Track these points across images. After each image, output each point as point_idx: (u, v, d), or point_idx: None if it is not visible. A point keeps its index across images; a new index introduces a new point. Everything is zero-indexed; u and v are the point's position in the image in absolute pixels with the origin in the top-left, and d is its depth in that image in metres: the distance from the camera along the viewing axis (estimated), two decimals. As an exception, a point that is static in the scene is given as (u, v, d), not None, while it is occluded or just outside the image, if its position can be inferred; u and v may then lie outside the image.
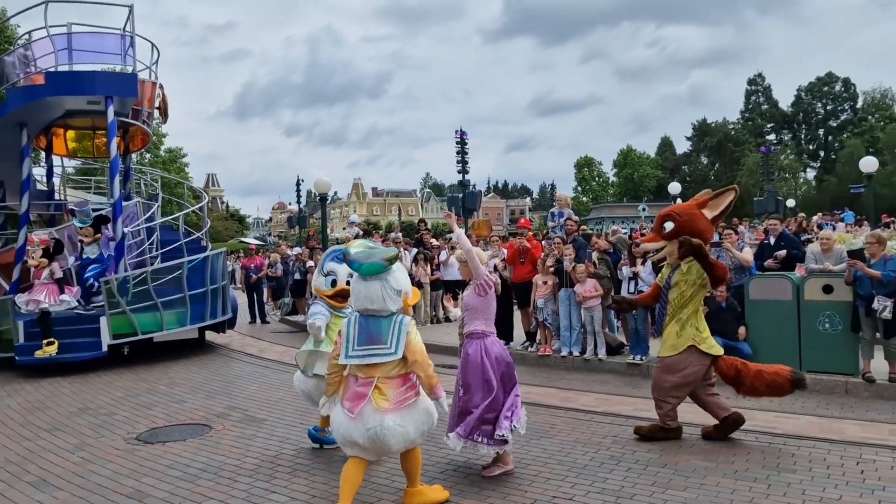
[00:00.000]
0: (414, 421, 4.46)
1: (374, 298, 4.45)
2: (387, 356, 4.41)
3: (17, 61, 12.46)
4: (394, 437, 4.35)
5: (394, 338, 4.42)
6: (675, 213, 6.12)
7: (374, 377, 4.41)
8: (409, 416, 4.44)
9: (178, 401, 8.43)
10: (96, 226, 11.49)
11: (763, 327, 8.55)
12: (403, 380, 4.50)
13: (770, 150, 55.55)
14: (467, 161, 32.04)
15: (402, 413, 4.40)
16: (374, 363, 4.41)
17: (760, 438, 6.02)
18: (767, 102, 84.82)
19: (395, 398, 4.41)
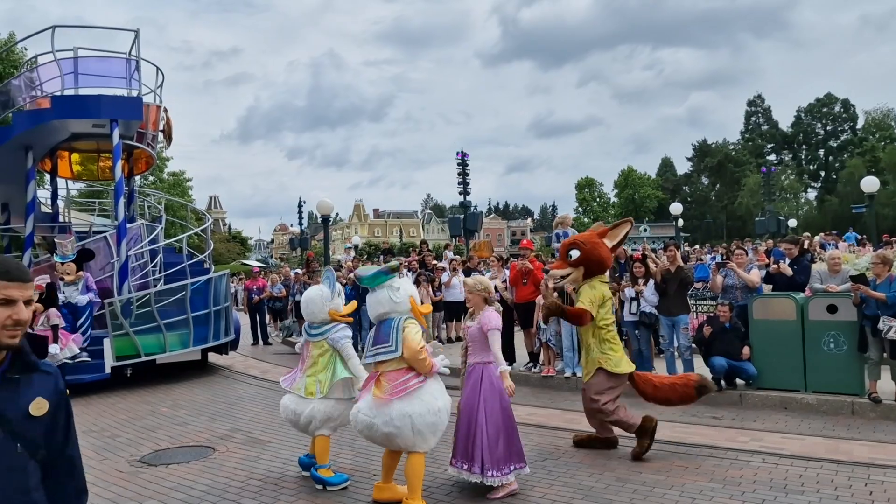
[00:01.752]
0: (385, 415, 4.81)
1: (383, 302, 5.06)
2: (389, 353, 4.95)
3: (23, 85, 12.61)
4: (358, 424, 4.95)
5: (394, 336, 4.94)
6: (579, 241, 6.63)
7: (379, 371, 5.02)
8: (383, 409, 4.83)
9: (181, 423, 8.40)
10: (79, 262, 10.58)
11: (767, 348, 8.52)
12: (404, 371, 4.95)
13: (771, 170, 55.81)
14: (468, 182, 32.16)
15: (382, 405, 4.83)
16: (381, 360, 5.00)
17: (767, 460, 5.99)
18: (767, 123, 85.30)
19: (392, 388, 4.87)
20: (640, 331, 9.44)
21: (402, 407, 4.81)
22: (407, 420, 4.79)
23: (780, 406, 8.13)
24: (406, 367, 4.93)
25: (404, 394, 4.84)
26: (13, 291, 2.00)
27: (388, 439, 4.91)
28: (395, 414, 4.79)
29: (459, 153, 32.20)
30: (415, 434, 4.84)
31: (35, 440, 2.07)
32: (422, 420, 4.84)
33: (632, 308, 9.51)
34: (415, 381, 4.91)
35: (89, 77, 12.05)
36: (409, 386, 4.87)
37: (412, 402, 4.85)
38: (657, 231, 56.24)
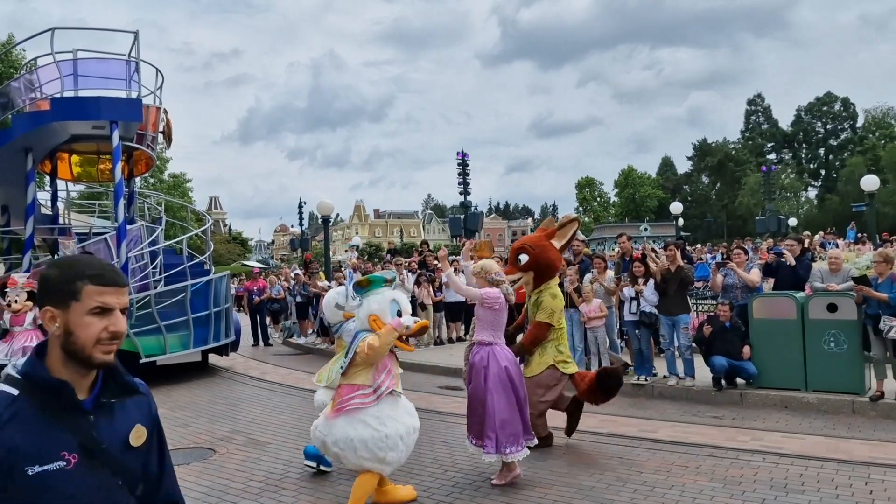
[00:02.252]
0: (332, 435, 4.74)
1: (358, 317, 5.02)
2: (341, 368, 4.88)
3: (23, 87, 12.60)
4: (316, 441, 4.94)
5: (347, 355, 4.85)
6: (527, 245, 6.61)
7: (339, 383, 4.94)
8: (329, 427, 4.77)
9: (181, 424, 8.40)
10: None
11: (768, 347, 8.52)
12: (351, 388, 4.79)
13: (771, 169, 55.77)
14: (469, 182, 32.19)
15: (329, 422, 4.79)
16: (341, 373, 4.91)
17: (768, 459, 5.98)
18: (767, 122, 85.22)
19: (338, 404, 4.80)
20: (640, 330, 9.43)
21: (347, 430, 4.65)
22: (349, 444, 4.64)
23: (780, 405, 8.12)
24: (355, 384, 4.76)
25: (346, 410, 4.68)
26: (109, 298, 1.70)
27: (337, 459, 4.82)
28: (340, 436, 4.67)
29: (460, 153, 32.23)
30: (358, 458, 4.69)
31: (134, 473, 1.81)
32: (364, 446, 4.64)
33: (632, 308, 9.50)
34: (358, 399, 4.69)
35: (89, 79, 12.02)
36: (350, 404, 4.68)
37: (356, 426, 4.66)
38: (658, 230, 56.15)
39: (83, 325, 1.66)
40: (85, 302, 1.67)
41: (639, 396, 9.16)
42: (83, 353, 1.67)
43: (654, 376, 9.46)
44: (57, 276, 1.72)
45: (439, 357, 12.68)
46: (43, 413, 1.63)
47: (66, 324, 1.67)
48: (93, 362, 1.68)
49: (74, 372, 1.69)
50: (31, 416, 1.62)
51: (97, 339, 1.67)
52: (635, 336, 9.57)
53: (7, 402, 1.62)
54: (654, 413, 8.10)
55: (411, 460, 6.40)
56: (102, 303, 1.69)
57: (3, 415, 1.60)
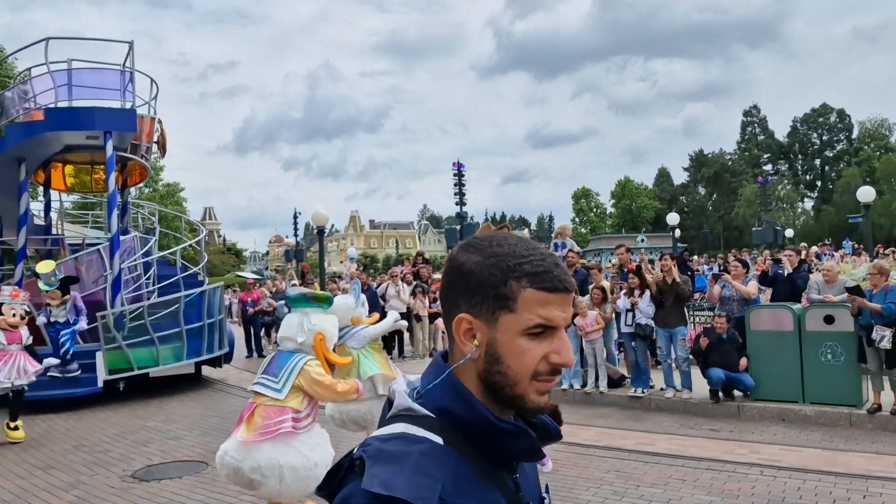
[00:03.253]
0: (253, 460, 4.32)
1: (290, 326, 4.68)
2: (271, 391, 4.47)
3: (16, 97, 12.56)
4: (225, 468, 4.44)
5: (284, 376, 4.47)
6: None
7: (255, 404, 4.53)
8: (250, 453, 4.34)
9: (174, 437, 8.31)
10: (63, 288, 10.10)
11: (764, 358, 8.47)
12: (280, 411, 4.43)
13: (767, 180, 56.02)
14: (465, 193, 32.24)
15: (249, 447, 4.36)
16: (261, 392, 4.52)
17: (765, 472, 5.93)
18: (763, 133, 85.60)
19: (262, 427, 4.37)
20: (636, 342, 9.37)
21: (276, 455, 4.32)
22: (276, 470, 4.32)
23: (777, 418, 8.07)
24: (287, 407, 4.43)
25: (275, 436, 4.34)
26: (554, 311, 1.12)
27: (251, 485, 4.44)
28: (265, 462, 4.30)
29: (456, 163, 32.31)
30: (281, 486, 4.36)
31: None
32: (294, 474, 4.35)
33: (627, 320, 9.45)
34: (287, 425, 4.38)
35: (83, 89, 12.00)
36: (282, 428, 4.35)
37: (287, 452, 4.37)
38: (654, 241, 56.26)
39: (517, 350, 1.11)
40: (522, 316, 1.11)
41: (636, 409, 9.10)
42: (512, 390, 1.12)
43: (651, 388, 9.40)
44: (481, 268, 1.12)
45: (435, 368, 12.60)
46: (474, 468, 1.11)
47: (492, 344, 1.12)
48: (524, 405, 1.14)
49: (497, 411, 1.14)
50: (467, 476, 1.09)
51: (534, 371, 1.12)
52: (631, 348, 9.51)
53: (439, 457, 1.06)
54: (651, 426, 8.04)
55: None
56: (546, 318, 1.11)
57: (442, 479, 1.03)
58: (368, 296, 13.76)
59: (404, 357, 14.59)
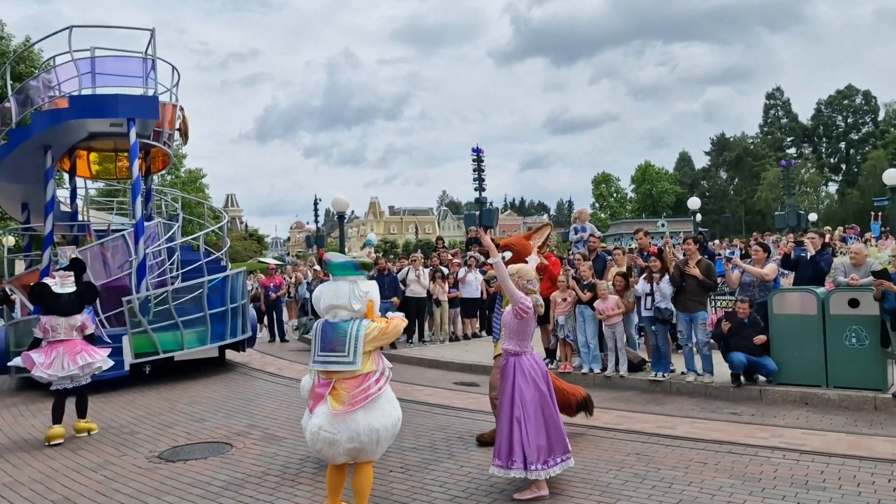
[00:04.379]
0: (349, 431, 4.41)
1: (340, 295, 4.58)
2: (345, 364, 4.49)
3: (41, 85, 12.71)
4: (320, 442, 4.43)
5: (351, 346, 4.49)
6: (512, 244, 7.09)
7: (332, 379, 4.52)
8: (345, 424, 4.41)
9: (199, 419, 8.45)
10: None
11: (788, 343, 8.41)
12: (362, 379, 4.51)
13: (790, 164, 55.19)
14: (484, 178, 32.13)
15: (343, 419, 4.40)
16: (335, 370, 4.52)
17: (788, 456, 5.90)
18: (787, 116, 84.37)
19: (351, 398, 4.44)
20: (656, 326, 9.34)
21: (369, 421, 4.45)
22: (374, 435, 4.46)
23: (800, 402, 8.02)
24: (367, 374, 4.53)
25: (366, 402, 4.46)
26: None
27: (349, 454, 4.51)
28: (363, 429, 4.42)
29: (475, 149, 32.17)
30: (378, 447, 4.56)
31: None
32: (387, 434, 4.56)
33: (647, 304, 9.41)
34: (374, 387, 4.51)
35: (106, 77, 12.12)
36: (370, 393, 4.48)
37: (378, 415, 4.50)
38: (675, 226, 55.76)
39: None
40: None
41: (656, 392, 9.08)
42: None
43: (671, 372, 9.37)
44: None
45: (455, 353, 12.66)
46: None
47: None
48: None
49: None
50: None
51: None
52: (652, 332, 9.48)
53: None
54: (671, 409, 8.03)
55: (426, 455, 6.41)
56: None
57: None
58: (389, 280, 13.87)
59: (424, 342, 14.66)
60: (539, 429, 5.14)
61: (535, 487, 5.13)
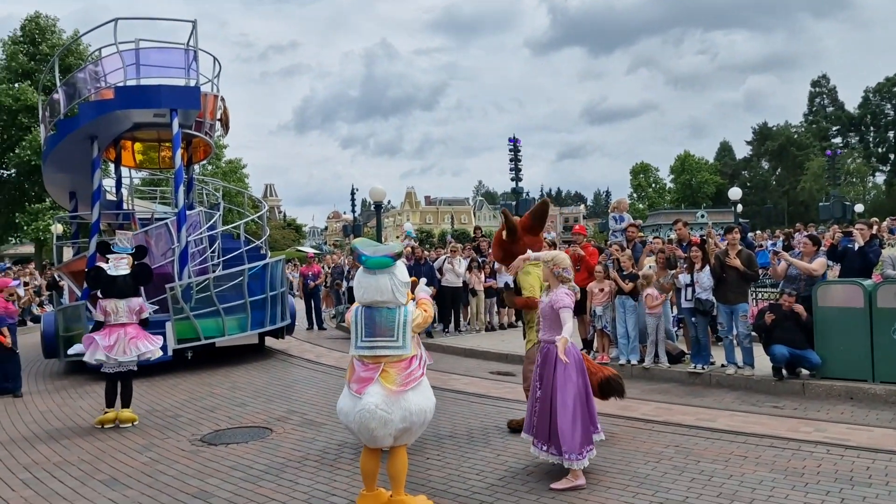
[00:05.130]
0: (402, 410, 4.49)
1: (383, 291, 4.62)
2: (395, 349, 4.58)
3: (88, 77, 13.00)
4: (375, 421, 4.43)
5: (400, 331, 4.59)
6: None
7: (381, 362, 4.58)
8: (399, 404, 4.48)
9: (239, 404, 8.62)
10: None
11: (832, 336, 8.21)
12: (409, 362, 4.63)
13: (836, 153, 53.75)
14: (520, 168, 31.95)
15: (397, 399, 4.48)
16: (384, 355, 4.58)
17: (832, 451, 5.78)
18: (833, 105, 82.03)
19: (402, 380, 4.54)
20: (696, 318, 9.21)
21: (419, 401, 4.58)
22: (422, 415, 4.60)
23: (845, 396, 7.84)
24: (412, 357, 4.65)
25: (416, 384, 4.59)
26: None
27: (396, 435, 4.55)
28: (414, 409, 4.53)
29: (512, 139, 32.01)
30: (420, 428, 4.69)
31: None
32: (429, 416, 4.71)
33: (687, 294, 9.29)
34: (419, 371, 4.66)
35: (150, 68, 12.33)
36: (417, 377, 4.62)
37: (426, 396, 4.66)
38: (715, 217, 54.80)
39: None
40: None
41: (695, 385, 8.97)
42: None
43: (711, 365, 9.24)
44: None
45: (491, 343, 12.66)
46: None
47: None
48: None
49: None
50: None
51: None
52: (691, 323, 9.35)
53: None
54: (711, 402, 7.92)
55: (463, 444, 6.43)
56: None
57: None
58: (425, 270, 13.91)
59: (460, 331, 14.69)
60: (576, 421, 5.15)
61: (572, 477, 5.12)
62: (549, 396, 5.25)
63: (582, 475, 5.16)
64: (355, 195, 45.61)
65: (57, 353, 11.57)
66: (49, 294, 20.36)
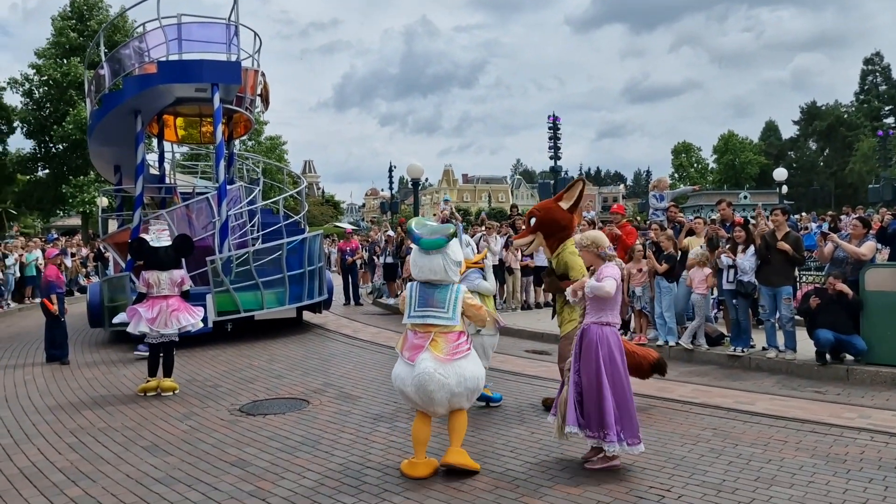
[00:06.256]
0: (457, 375, 4.82)
1: (436, 270, 4.99)
2: (444, 320, 4.94)
3: (132, 52, 13.18)
4: (434, 384, 4.76)
5: (451, 305, 4.96)
6: (536, 209, 6.96)
7: (431, 332, 4.93)
8: (453, 369, 4.82)
9: (277, 376, 8.75)
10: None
11: (880, 321, 7.96)
12: (458, 335, 4.97)
13: (888, 133, 51.93)
14: (560, 147, 31.59)
15: (450, 365, 4.82)
16: (434, 323, 4.95)
17: (876, 438, 5.64)
18: (886, 83, 79.09)
19: (450, 350, 4.88)
20: (737, 300, 9.02)
21: (473, 369, 4.92)
22: (474, 382, 4.92)
23: (891, 383, 7.62)
24: (461, 331, 5.00)
25: (463, 355, 4.91)
26: None
27: (449, 399, 4.84)
28: (468, 375, 4.86)
29: (551, 117, 31.62)
30: (474, 395, 5.04)
31: None
32: (482, 384, 5.09)
33: (728, 276, 9.09)
34: (466, 345, 4.98)
35: (192, 43, 12.46)
36: (464, 350, 4.94)
37: (478, 365, 5.01)
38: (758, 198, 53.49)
39: None
40: None
41: (734, 368, 8.82)
42: None
43: (751, 348, 9.07)
44: None
45: (526, 321, 12.62)
46: None
47: None
48: None
49: None
50: None
51: None
52: (732, 306, 9.17)
53: None
54: (751, 385, 7.78)
55: (498, 422, 6.44)
56: None
57: None
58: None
59: (497, 309, 14.65)
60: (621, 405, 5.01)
61: (607, 458, 5.08)
62: (594, 378, 5.04)
63: (618, 456, 5.11)
64: (393, 172, 45.64)
65: (102, 322, 11.88)
66: (95, 265, 20.92)
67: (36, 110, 35.95)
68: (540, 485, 4.79)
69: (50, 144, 36.65)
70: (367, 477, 5.04)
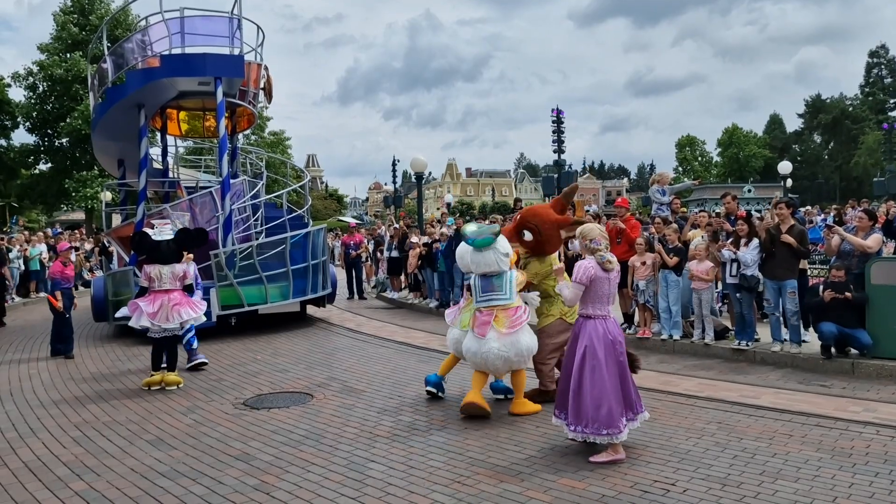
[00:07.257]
0: (515, 347, 6.11)
1: (489, 264, 6.24)
2: (504, 300, 6.23)
3: (135, 46, 13.16)
4: (499, 361, 6.12)
5: (507, 287, 6.25)
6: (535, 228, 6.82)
7: (494, 311, 6.22)
8: (512, 343, 6.08)
9: (281, 370, 8.76)
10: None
11: (886, 315, 7.91)
12: (515, 310, 6.23)
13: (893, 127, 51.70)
14: (563, 141, 31.52)
15: (510, 338, 6.08)
16: (496, 304, 6.24)
17: (882, 432, 5.61)
18: (891, 76, 78.64)
19: (510, 323, 6.13)
20: (741, 294, 8.98)
21: (527, 340, 6.16)
22: (530, 351, 6.20)
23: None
24: (518, 306, 6.23)
25: (521, 326, 6.12)
26: None
27: (509, 365, 6.19)
28: (524, 346, 6.11)
29: (555, 110, 31.54)
30: (529, 359, 6.33)
31: None
32: (535, 350, 6.33)
33: (732, 270, 9.04)
34: (524, 316, 6.20)
35: (195, 36, 12.43)
36: (523, 319, 6.17)
37: (532, 336, 6.27)
38: (762, 192, 53.46)
39: None
40: None
41: (739, 362, 8.78)
42: None
43: (756, 342, 9.04)
44: None
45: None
46: None
47: None
48: None
49: None
50: None
51: None
52: (736, 300, 9.13)
53: None
54: (755, 379, 7.75)
55: (503, 415, 6.43)
56: None
57: None
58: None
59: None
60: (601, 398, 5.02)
61: (612, 451, 5.07)
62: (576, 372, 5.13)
63: (622, 449, 5.10)
64: (397, 166, 45.64)
65: (106, 316, 11.91)
66: (99, 259, 20.96)
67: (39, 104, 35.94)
68: (544, 479, 4.78)
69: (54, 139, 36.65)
70: (371, 471, 5.03)
